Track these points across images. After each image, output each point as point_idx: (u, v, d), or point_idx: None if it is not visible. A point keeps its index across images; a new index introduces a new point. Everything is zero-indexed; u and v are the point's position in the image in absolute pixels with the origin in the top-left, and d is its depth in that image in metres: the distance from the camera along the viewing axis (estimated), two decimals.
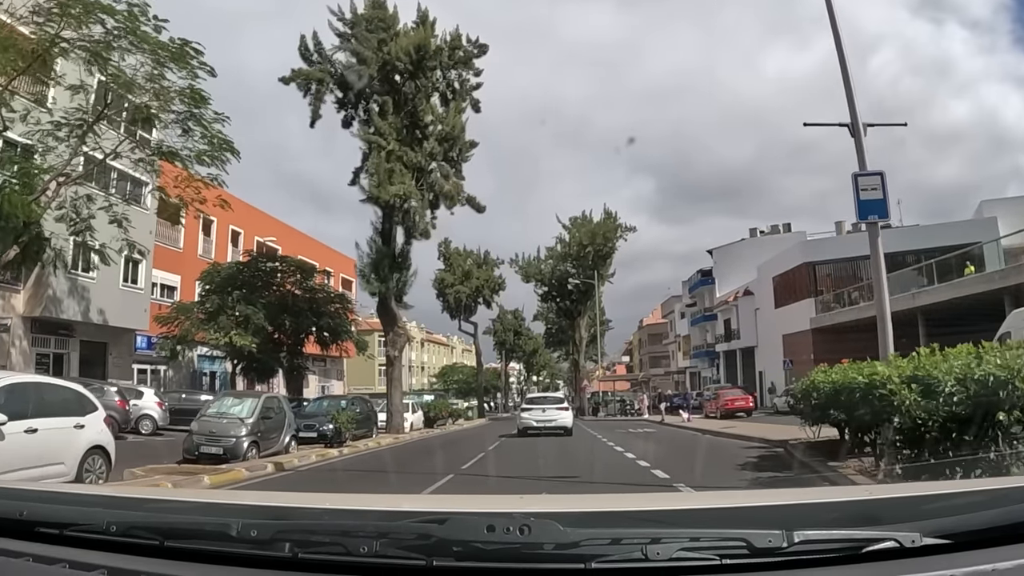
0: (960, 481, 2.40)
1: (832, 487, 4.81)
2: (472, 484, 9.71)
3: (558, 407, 22.21)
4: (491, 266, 47.29)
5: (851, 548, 1.21)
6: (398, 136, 21.49)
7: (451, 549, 1.24)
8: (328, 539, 1.32)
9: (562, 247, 46.48)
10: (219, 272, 23.31)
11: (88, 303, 21.67)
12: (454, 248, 48.01)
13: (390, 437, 21.11)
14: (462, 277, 45.76)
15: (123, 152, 15.66)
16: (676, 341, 65.82)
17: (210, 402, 14.08)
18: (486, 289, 46.59)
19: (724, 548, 1.21)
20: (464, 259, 46.62)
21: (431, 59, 21.68)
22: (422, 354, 79.97)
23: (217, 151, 15.31)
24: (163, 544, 1.36)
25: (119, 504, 1.67)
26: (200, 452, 11.86)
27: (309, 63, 21.67)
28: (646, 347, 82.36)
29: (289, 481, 10.87)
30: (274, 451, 13.09)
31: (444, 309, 47.14)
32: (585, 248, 42.22)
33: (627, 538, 1.24)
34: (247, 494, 3.03)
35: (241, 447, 12.16)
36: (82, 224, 16.14)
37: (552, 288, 47.53)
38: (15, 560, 1.36)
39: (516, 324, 72.61)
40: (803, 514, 1.39)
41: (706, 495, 2.92)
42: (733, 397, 31.45)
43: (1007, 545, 1.21)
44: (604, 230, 42.35)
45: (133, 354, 25.33)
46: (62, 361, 21.88)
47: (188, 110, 14.61)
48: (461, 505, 1.77)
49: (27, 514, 1.49)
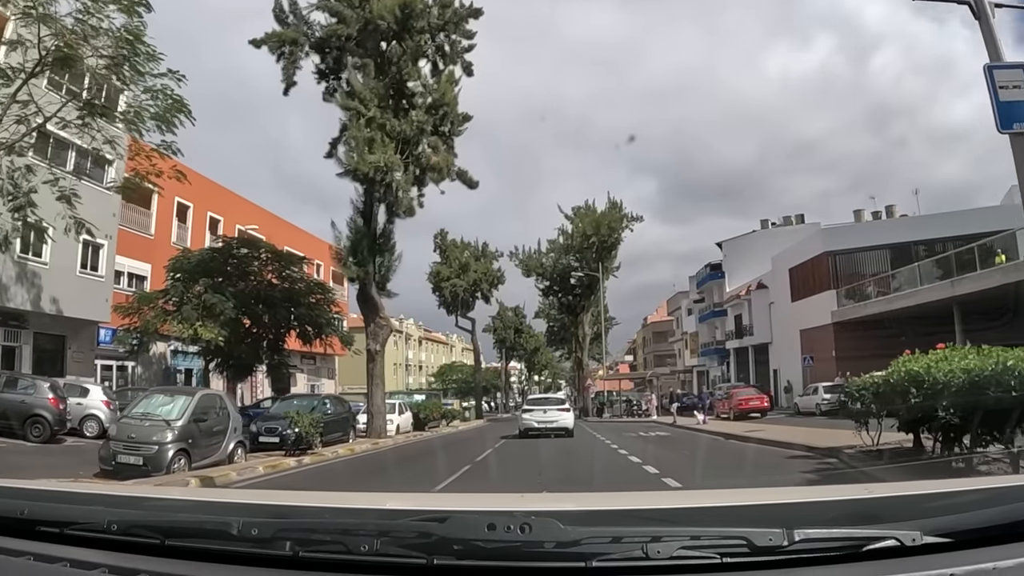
0: (961, 479, 2.41)
1: (833, 485, 4.39)
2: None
3: (559, 408, 22.68)
4: (490, 259, 45.14)
5: (852, 547, 1.24)
6: (380, 103, 19.48)
7: (452, 548, 1.27)
8: (329, 537, 1.35)
9: (564, 239, 44.45)
10: (189, 259, 21.55)
11: (40, 290, 19.83)
12: (451, 240, 45.55)
13: (368, 442, 19.15)
14: (459, 270, 43.47)
15: (61, 115, 13.31)
16: (683, 339, 63.68)
17: (137, 400, 11.64)
18: (484, 283, 44.48)
19: (725, 546, 1.23)
20: (461, 251, 44.50)
21: (418, 18, 19.68)
22: (420, 352, 78.01)
23: (166, 110, 12.94)
24: (164, 543, 1.39)
25: (120, 503, 1.71)
26: (117, 462, 9.59)
27: (284, 25, 19.33)
28: (651, 345, 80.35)
29: None
30: (213, 461, 11.06)
31: (440, 304, 45.16)
32: (589, 239, 40.24)
33: (628, 536, 1.27)
34: (248, 493, 3.10)
35: (165, 457, 10.40)
36: (22, 199, 13.78)
37: (554, 283, 45.18)
38: (16, 559, 1.40)
39: (517, 321, 70.52)
40: (804, 512, 1.42)
41: (707, 493, 2.45)
42: (748, 397, 30.01)
43: (1008, 543, 1.23)
44: (609, 220, 40.36)
45: (96, 348, 23.44)
46: (13, 355, 19.95)
47: (123, 54, 12.21)
48: (462, 504, 1.82)
49: (28, 513, 1.52)
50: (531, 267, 46.28)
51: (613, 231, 42.09)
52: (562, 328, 61.07)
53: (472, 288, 45.60)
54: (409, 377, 71.24)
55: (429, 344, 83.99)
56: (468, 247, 46.69)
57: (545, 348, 75.73)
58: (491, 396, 74.90)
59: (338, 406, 19.10)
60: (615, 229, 42.18)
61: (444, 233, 46.11)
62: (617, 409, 41.07)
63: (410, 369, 73.64)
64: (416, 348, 78.03)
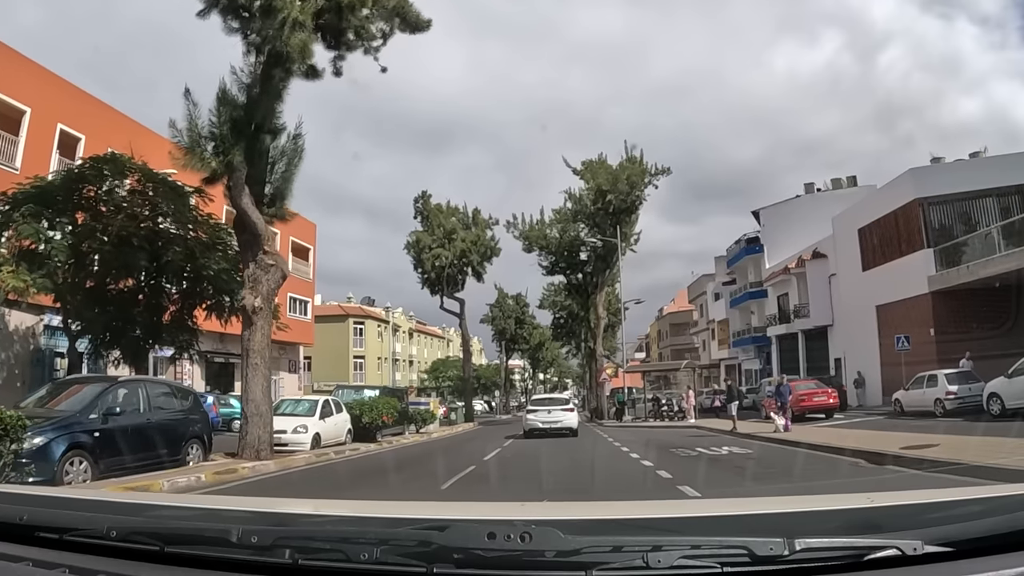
0: (962, 488, 2.14)
1: (834, 495, 3.09)
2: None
3: (564, 408, 23.17)
4: (482, 227, 36.81)
5: (853, 556, 1.26)
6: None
7: (452, 556, 1.29)
8: (328, 546, 1.37)
9: (573, 203, 36.15)
10: (38, 187, 15.43)
11: None
12: (435, 205, 37.50)
13: (227, 467, 10.78)
14: (443, 238, 35.28)
15: None
16: (708, 328, 56.08)
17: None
18: (474, 254, 36.18)
19: (725, 556, 1.26)
20: (447, 217, 36.10)
21: None
22: (410, 346, 70.24)
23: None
24: (163, 550, 1.42)
25: (120, 509, 1.72)
26: None
27: None
28: (667, 339, 72.83)
29: None
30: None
31: (424, 283, 36.85)
32: (605, 198, 31.73)
33: (628, 546, 1.29)
34: (249, 500, 2.91)
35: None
36: None
37: (560, 258, 37.03)
38: (15, 564, 1.42)
39: (518, 311, 62.37)
40: (805, 522, 1.45)
41: (707, 502, 2.59)
42: (812, 391, 24.40)
43: (1010, 553, 1.26)
44: (628, 174, 31.85)
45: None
46: None
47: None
48: (462, 512, 1.85)
49: (27, 518, 1.54)
50: (533, 240, 38.12)
51: (634, 188, 34.05)
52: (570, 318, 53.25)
53: (460, 261, 37.38)
54: (397, 373, 63.61)
55: (422, 338, 76.21)
56: (456, 213, 38.47)
57: (551, 343, 67.70)
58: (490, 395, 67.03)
59: (161, 401, 11.02)
60: (636, 185, 34.18)
61: (427, 196, 38.17)
62: (640, 410, 32.55)
63: (399, 365, 65.80)
64: (406, 341, 70.09)
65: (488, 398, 67.98)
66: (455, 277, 38.51)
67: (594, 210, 36.05)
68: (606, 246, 36.36)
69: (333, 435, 17.75)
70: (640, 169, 35.11)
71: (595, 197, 35.35)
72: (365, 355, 58.78)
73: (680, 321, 72.38)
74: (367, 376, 54.44)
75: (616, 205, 34.62)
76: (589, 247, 37.52)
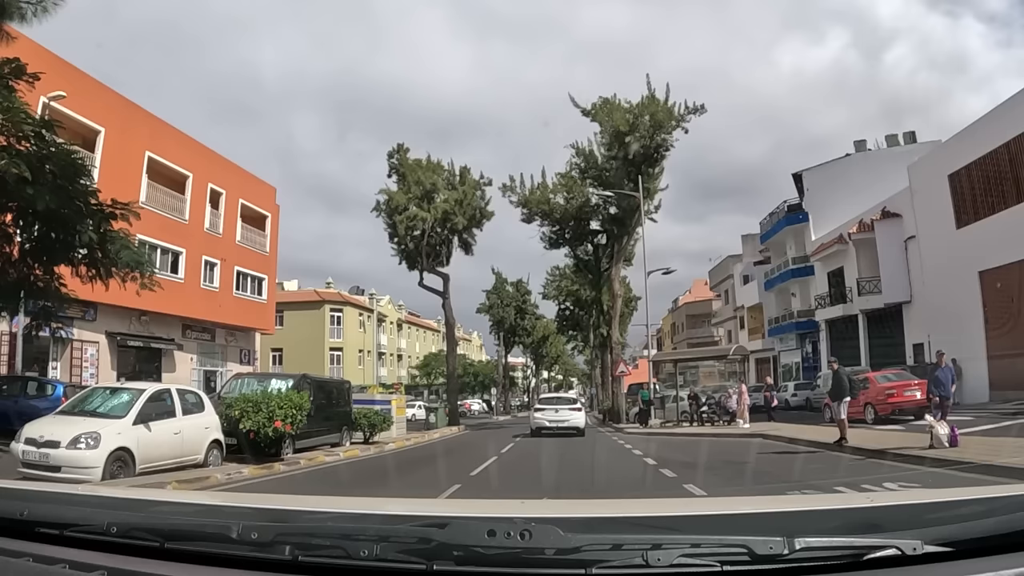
0: (962, 489, 2.10)
1: (834, 494, 4.16)
2: None
3: (571, 408, 23.51)
4: (471, 188, 30.13)
5: (853, 555, 1.27)
6: None
7: (452, 553, 1.30)
8: (329, 542, 1.38)
9: (583, 159, 29.49)
10: None
11: None
12: (415, 160, 30.85)
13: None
14: (420, 198, 28.68)
15: None
16: (736, 316, 49.30)
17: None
18: (459, 215, 29.36)
19: (725, 554, 1.26)
20: (428, 173, 29.44)
21: None
22: (399, 339, 63.78)
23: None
24: (163, 545, 1.43)
25: (120, 505, 1.74)
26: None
27: None
28: (683, 332, 66.64)
29: None
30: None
31: (399, 254, 30.30)
32: (623, 141, 25.12)
33: (628, 544, 1.30)
34: (248, 496, 3.18)
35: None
36: None
37: (565, 227, 30.41)
38: (15, 560, 1.43)
39: (519, 298, 55.76)
40: (805, 521, 1.44)
41: (708, 501, 2.83)
42: (901, 384, 19.95)
43: (1009, 553, 1.27)
44: (652, 112, 25.18)
45: None
46: None
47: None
48: (462, 509, 1.86)
49: (28, 514, 1.55)
50: (534, 206, 31.37)
51: (660, 128, 27.11)
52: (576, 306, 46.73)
53: (443, 227, 30.57)
54: (383, 368, 57.29)
55: (413, 330, 69.78)
56: (438, 169, 31.68)
57: (555, 337, 61.22)
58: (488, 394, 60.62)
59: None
60: (662, 126, 27.22)
61: (403, 149, 31.37)
62: (671, 411, 25.65)
63: (385, 359, 59.29)
64: (393, 333, 63.54)
65: (487, 397, 61.49)
66: (437, 248, 31.49)
67: (608, 163, 29.53)
68: (623, 205, 29.77)
69: (169, 451, 10.92)
70: (666, 107, 28.50)
71: (610, 142, 29.17)
72: (343, 347, 52.29)
73: (698, 312, 66.53)
74: (345, 371, 48.23)
75: (636, 152, 27.95)
76: (604, 209, 30.98)
